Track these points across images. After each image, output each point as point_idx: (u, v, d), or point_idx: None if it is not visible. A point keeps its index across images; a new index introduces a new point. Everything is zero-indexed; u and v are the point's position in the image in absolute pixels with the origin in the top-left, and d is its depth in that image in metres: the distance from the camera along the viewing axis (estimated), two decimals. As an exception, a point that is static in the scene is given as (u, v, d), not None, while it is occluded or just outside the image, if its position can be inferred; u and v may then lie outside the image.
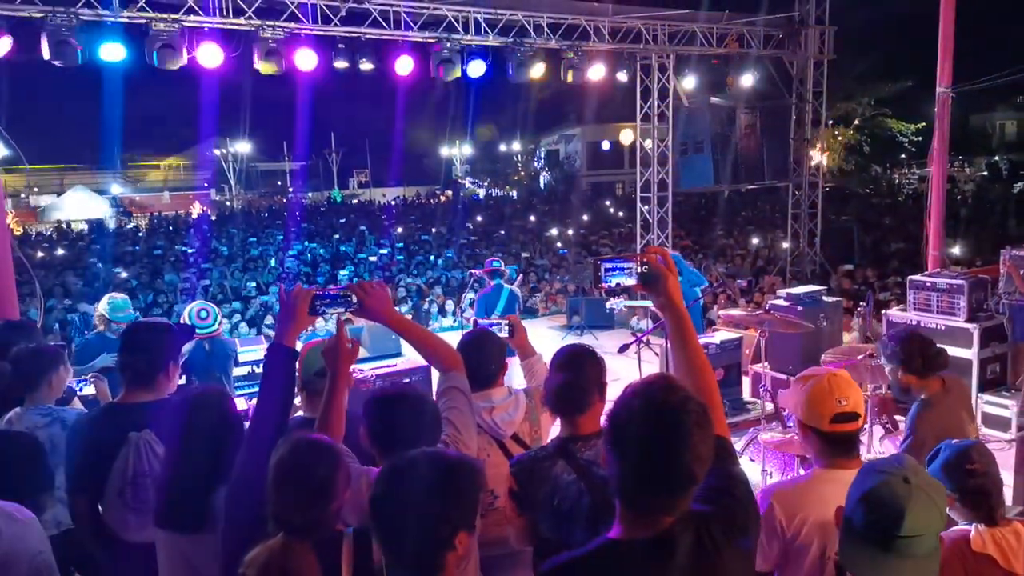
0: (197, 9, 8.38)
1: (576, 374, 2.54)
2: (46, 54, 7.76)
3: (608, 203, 31.97)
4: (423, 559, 1.66)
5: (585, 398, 2.47)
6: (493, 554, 2.78)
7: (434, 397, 2.54)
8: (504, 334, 3.40)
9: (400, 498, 1.66)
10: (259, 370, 7.01)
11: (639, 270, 2.01)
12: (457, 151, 47.07)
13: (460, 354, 2.61)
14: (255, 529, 2.03)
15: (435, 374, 2.63)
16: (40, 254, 20.34)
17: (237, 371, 6.54)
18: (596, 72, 11.11)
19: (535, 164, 44.66)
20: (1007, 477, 3.91)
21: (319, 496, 1.99)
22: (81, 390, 4.80)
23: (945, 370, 3.36)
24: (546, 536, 2.34)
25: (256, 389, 6.86)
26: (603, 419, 1.91)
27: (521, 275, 15.25)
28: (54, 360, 3.44)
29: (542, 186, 42.64)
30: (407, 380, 6.20)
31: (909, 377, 3.31)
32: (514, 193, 41.93)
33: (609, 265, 2.02)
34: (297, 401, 2.83)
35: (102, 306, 5.72)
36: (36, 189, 41.18)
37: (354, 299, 2.33)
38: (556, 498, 2.30)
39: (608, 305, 11.29)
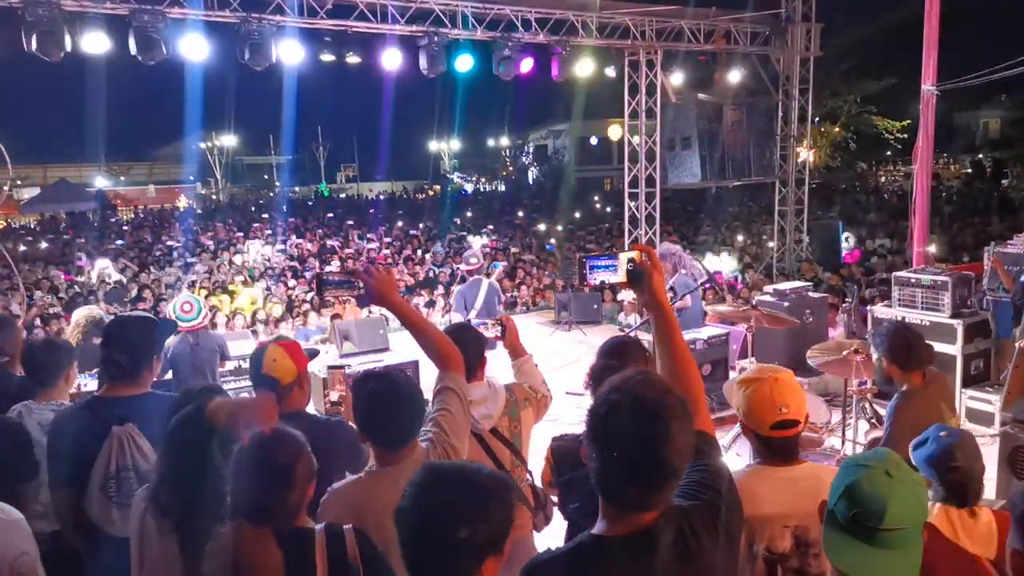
0: (181, 1, 8.30)
1: (620, 361, 2.67)
2: (28, 46, 7.67)
3: (596, 199, 32.00)
4: None
5: None
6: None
7: (429, 395, 2.54)
8: (496, 333, 3.42)
9: (427, 518, 1.58)
10: (246, 365, 7.00)
11: (625, 267, 2.02)
12: (445, 146, 46.96)
13: None
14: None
15: (425, 370, 2.62)
16: (22, 247, 20.12)
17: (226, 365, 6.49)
18: (584, 68, 11.11)
19: (523, 159, 44.61)
20: (991, 471, 3.95)
21: (276, 481, 1.96)
22: (86, 385, 4.79)
23: (927, 365, 3.42)
24: (575, 519, 2.37)
25: (244, 385, 6.85)
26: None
27: (507, 270, 15.24)
28: (69, 354, 3.41)
29: (530, 181, 42.62)
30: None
31: (893, 368, 3.41)
32: (502, 188, 41.90)
33: (594, 262, 2.03)
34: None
35: (92, 313, 5.62)
36: (19, 182, 40.74)
37: (360, 284, 2.33)
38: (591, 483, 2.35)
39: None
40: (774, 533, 2.24)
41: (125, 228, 26.59)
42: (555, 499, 2.82)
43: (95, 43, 8.04)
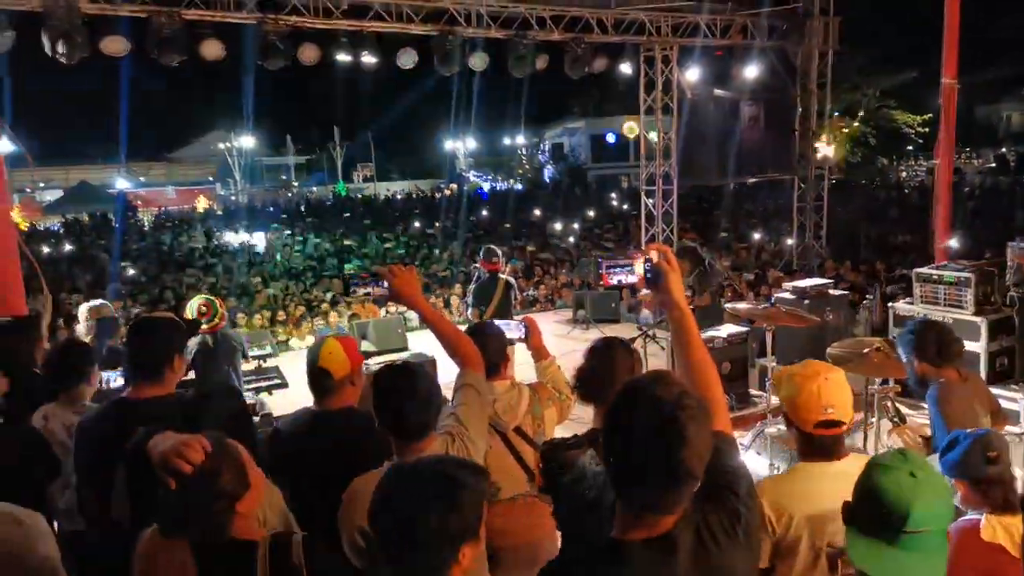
0: (199, 2, 8.37)
1: (605, 362, 2.64)
2: (49, 50, 7.76)
3: (613, 196, 31.86)
4: (427, 574, 1.62)
5: (612, 387, 2.47)
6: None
7: (447, 393, 2.56)
8: (519, 335, 3.45)
9: (400, 510, 1.61)
10: (266, 364, 7.05)
11: (641, 267, 2.02)
12: (461, 144, 46.91)
13: None
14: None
15: (443, 368, 2.65)
16: (46, 249, 20.37)
17: (245, 365, 6.55)
18: (599, 65, 11.08)
19: (539, 157, 44.53)
20: (1017, 471, 3.89)
21: (195, 487, 1.85)
22: (113, 381, 4.83)
23: (959, 360, 3.34)
24: (566, 525, 2.36)
25: (264, 384, 6.89)
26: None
27: (523, 267, 15.22)
28: (89, 356, 3.45)
29: (546, 179, 42.53)
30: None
31: (924, 366, 3.30)
32: (518, 186, 41.85)
33: (611, 263, 2.03)
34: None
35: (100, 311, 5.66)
36: (42, 184, 41.25)
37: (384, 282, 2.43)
38: (580, 487, 2.32)
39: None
40: (836, 528, 2.21)
41: (146, 229, 26.87)
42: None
43: (114, 46, 8.13)
